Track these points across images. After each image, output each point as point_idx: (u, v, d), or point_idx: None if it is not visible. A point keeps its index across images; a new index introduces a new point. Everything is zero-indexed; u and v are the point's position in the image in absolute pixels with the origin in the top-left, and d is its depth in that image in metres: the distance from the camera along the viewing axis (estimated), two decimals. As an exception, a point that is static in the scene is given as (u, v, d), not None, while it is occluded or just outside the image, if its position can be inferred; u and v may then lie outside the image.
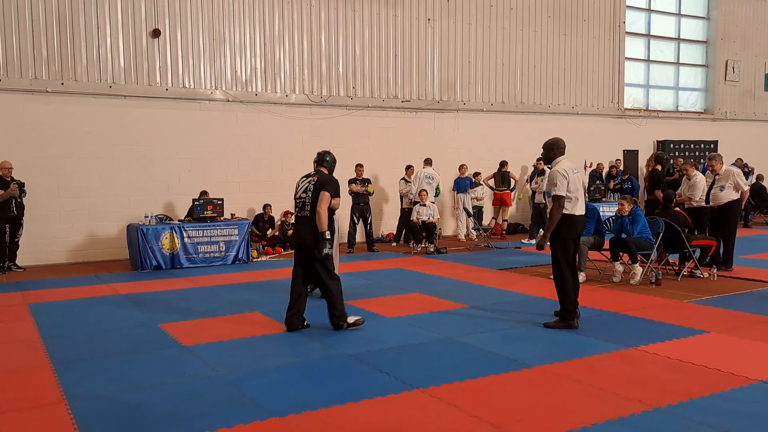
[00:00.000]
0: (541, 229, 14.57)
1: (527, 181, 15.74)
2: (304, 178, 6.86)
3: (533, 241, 14.18)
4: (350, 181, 13.37)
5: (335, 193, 6.68)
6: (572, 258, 6.69)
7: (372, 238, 13.77)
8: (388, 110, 15.31)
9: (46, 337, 6.72)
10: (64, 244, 12.26)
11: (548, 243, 6.68)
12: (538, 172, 14.74)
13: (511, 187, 16.03)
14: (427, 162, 14.25)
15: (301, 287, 6.81)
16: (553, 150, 6.72)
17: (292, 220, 13.78)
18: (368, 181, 13.64)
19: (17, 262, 11.50)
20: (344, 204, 13.61)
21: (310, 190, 6.66)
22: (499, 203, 15.94)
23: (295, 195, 6.83)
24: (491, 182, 15.98)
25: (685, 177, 10.75)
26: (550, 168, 6.79)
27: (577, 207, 6.60)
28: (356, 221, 13.54)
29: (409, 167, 14.42)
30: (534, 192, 14.67)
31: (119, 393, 4.96)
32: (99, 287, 9.77)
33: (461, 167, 15.13)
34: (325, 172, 6.88)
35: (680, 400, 4.60)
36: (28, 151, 11.81)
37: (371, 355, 5.82)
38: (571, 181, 6.50)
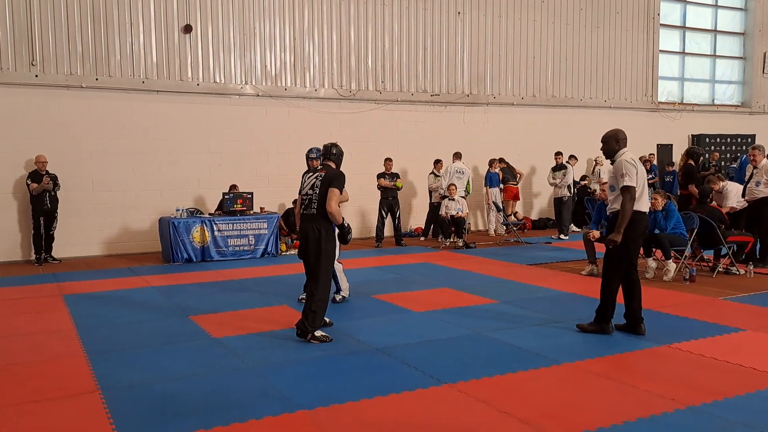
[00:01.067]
0: (571, 225, 14.46)
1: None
2: (311, 173, 6.43)
3: (564, 237, 14.04)
4: (379, 176, 13.37)
5: (342, 188, 6.27)
6: (628, 260, 6.13)
7: (400, 232, 13.75)
8: (417, 104, 15.27)
9: (81, 328, 6.84)
10: (98, 237, 12.45)
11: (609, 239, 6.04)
12: (556, 167, 14.65)
13: (517, 181, 15.78)
14: (457, 156, 14.18)
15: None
16: (614, 141, 6.24)
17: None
18: (397, 175, 13.61)
19: (53, 254, 11.71)
20: (373, 198, 13.76)
21: (317, 187, 6.21)
22: (512, 198, 15.75)
23: (300, 191, 6.44)
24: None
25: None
26: (612, 161, 6.24)
27: (642, 202, 6.06)
28: (384, 216, 13.53)
29: (438, 162, 14.37)
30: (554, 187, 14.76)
31: (151, 383, 5.02)
32: (132, 279, 9.91)
33: (492, 162, 15.03)
34: (333, 166, 6.47)
35: (715, 399, 4.52)
36: (64, 145, 12.01)
37: (399, 350, 5.81)
38: (639, 172, 6.01)
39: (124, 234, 12.64)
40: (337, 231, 6.35)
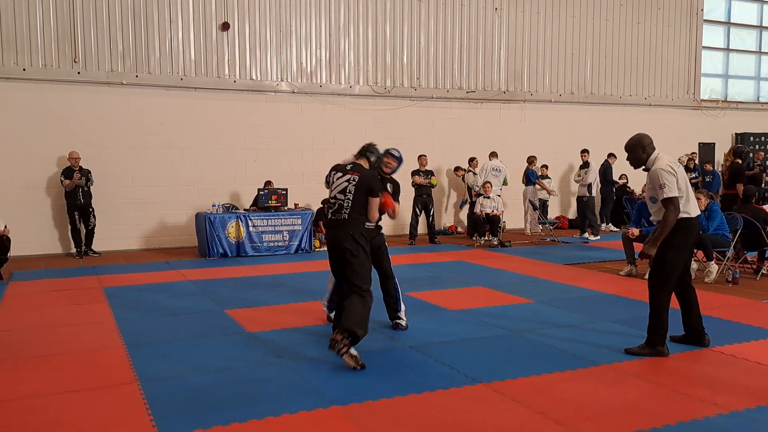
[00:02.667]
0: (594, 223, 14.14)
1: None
2: (340, 174, 5.67)
3: (592, 237, 13.76)
4: (413, 173, 13.32)
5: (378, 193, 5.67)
6: (678, 271, 5.45)
7: (434, 230, 13.69)
8: (453, 101, 15.19)
9: (120, 320, 6.94)
10: (136, 231, 12.64)
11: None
12: (581, 165, 14.45)
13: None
14: (494, 155, 14.07)
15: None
16: (639, 149, 5.53)
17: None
18: (431, 173, 13.55)
19: (93, 247, 11.91)
20: (407, 196, 13.67)
21: (350, 192, 5.55)
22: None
23: (330, 193, 5.70)
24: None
25: None
26: (647, 170, 5.48)
27: (690, 207, 5.42)
28: (418, 213, 13.47)
29: (472, 159, 14.29)
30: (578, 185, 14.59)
31: (187, 375, 5.07)
32: (169, 273, 10.04)
33: (531, 159, 14.86)
34: (366, 166, 5.79)
35: (758, 405, 4.39)
36: (104, 141, 12.22)
37: (434, 348, 5.77)
38: (680, 177, 5.35)
39: (161, 228, 12.81)
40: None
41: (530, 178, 14.73)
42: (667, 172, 5.30)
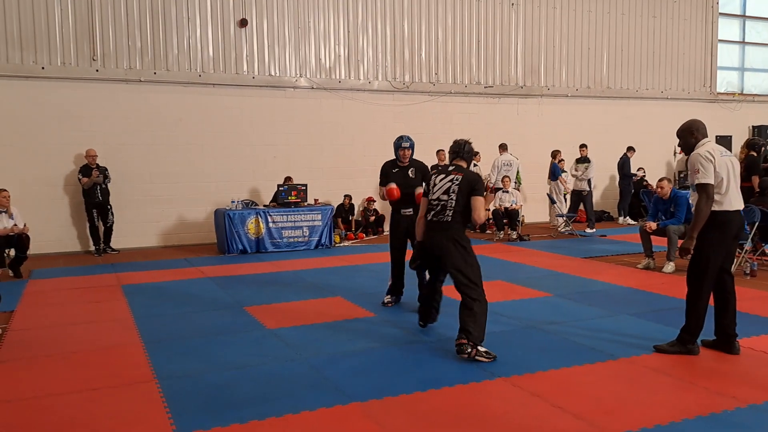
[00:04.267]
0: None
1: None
2: (443, 176, 5.71)
3: (589, 231, 13.69)
4: (432, 167, 13.26)
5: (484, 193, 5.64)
6: (715, 269, 5.25)
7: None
8: (471, 96, 15.17)
9: (138, 317, 7.00)
10: (155, 228, 12.74)
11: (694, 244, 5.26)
12: (580, 159, 14.37)
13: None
14: (503, 148, 13.97)
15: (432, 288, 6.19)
16: (689, 134, 5.35)
17: (374, 206, 13.95)
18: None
19: (111, 244, 12.03)
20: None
21: (454, 192, 5.55)
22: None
23: (431, 195, 5.71)
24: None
25: None
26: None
27: (727, 200, 5.15)
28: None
29: (476, 153, 14.25)
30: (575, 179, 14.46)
31: (206, 372, 5.11)
32: (188, 270, 10.10)
33: (555, 153, 14.80)
34: (465, 165, 5.82)
35: (777, 398, 4.38)
36: (123, 138, 12.32)
37: (452, 342, 5.76)
38: (718, 166, 5.10)
39: (180, 225, 12.90)
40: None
41: (555, 172, 14.67)
42: (704, 158, 5.11)
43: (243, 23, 13.00)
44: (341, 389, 4.68)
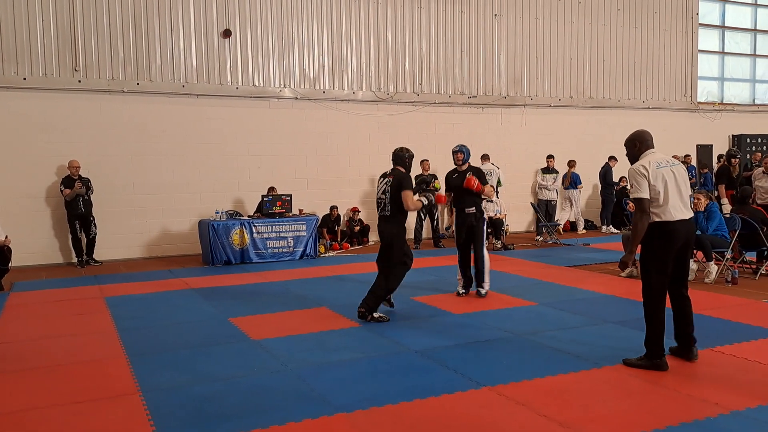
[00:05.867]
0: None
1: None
2: (381, 179, 7.23)
3: (539, 238, 14.10)
4: (416, 177, 13.34)
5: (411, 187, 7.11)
6: (662, 279, 5.22)
7: (438, 234, 13.74)
8: (455, 106, 15.24)
9: (122, 329, 6.95)
10: (139, 239, 12.66)
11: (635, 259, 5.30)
12: (546, 169, 15.02)
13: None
14: (485, 158, 14.04)
15: None
16: (631, 146, 5.39)
17: (359, 216, 13.95)
18: (434, 176, 13.60)
19: (94, 256, 11.94)
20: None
21: (387, 192, 7.08)
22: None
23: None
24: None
25: (761, 171, 10.40)
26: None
27: (667, 211, 5.11)
28: (423, 217, 13.55)
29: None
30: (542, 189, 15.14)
31: (191, 385, 5.08)
32: (172, 281, 10.04)
33: (571, 162, 15.51)
34: (403, 170, 7.17)
35: (759, 404, 4.43)
36: (106, 149, 12.25)
37: (438, 352, 5.80)
38: (653, 178, 5.08)
39: (164, 236, 12.83)
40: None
41: (576, 182, 15.39)
42: (638, 173, 5.15)
43: (226, 34, 13.00)
44: (327, 400, 4.67)
